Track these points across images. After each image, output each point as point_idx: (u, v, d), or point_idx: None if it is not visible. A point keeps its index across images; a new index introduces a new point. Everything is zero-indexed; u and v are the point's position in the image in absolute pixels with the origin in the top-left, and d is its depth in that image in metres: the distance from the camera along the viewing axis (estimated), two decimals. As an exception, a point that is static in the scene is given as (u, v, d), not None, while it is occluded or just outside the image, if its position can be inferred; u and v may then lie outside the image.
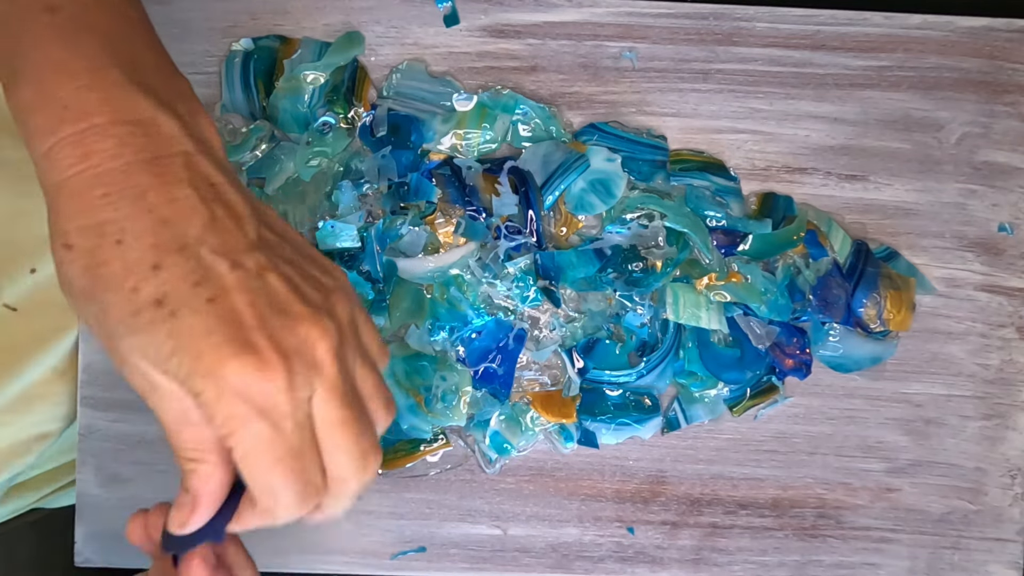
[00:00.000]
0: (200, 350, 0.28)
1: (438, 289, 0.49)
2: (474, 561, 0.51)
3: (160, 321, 0.28)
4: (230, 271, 0.29)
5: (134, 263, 0.28)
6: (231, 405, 0.28)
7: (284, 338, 0.29)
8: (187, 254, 0.29)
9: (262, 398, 0.28)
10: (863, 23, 0.51)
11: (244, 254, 0.29)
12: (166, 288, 0.28)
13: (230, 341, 0.28)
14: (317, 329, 0.29)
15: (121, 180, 0.29)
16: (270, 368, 0.28)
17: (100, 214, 0.29)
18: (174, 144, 0.30)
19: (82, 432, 0.50)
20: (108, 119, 0.29)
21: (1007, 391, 0.51)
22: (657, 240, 0.49)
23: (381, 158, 0.49)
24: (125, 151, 0.29)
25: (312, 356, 0.29)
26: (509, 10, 0.51)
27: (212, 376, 0.28)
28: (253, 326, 0.28)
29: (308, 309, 0.30)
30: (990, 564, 0.51)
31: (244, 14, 0.50)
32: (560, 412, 0.50)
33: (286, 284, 0.30)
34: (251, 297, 0.29)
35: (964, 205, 0.51)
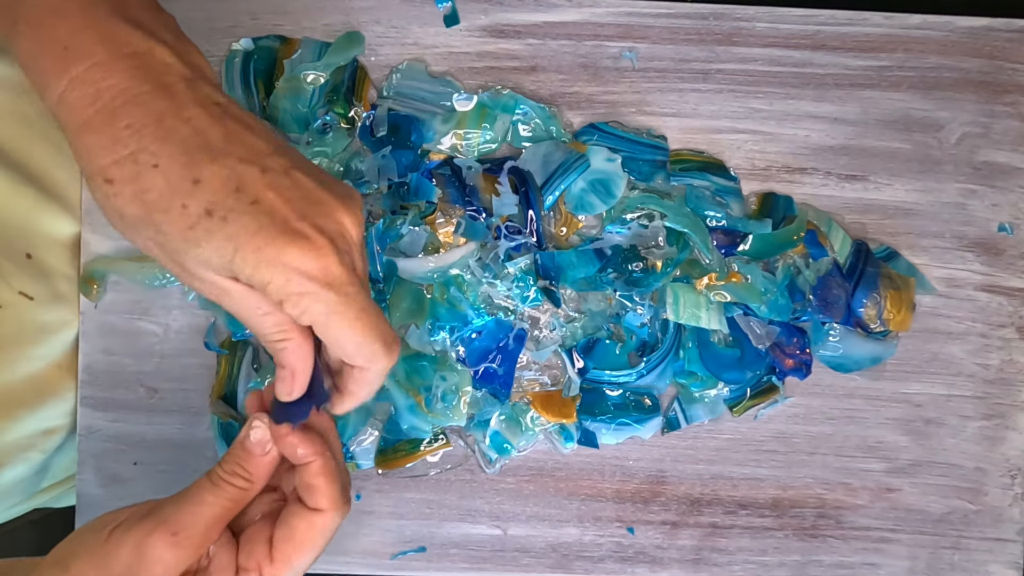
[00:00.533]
0: (258, 245, 0.31)
1: (438, 289, 0.49)
2: (474, 561, 0.51)
3: (216, 229, 0.31)
4: (261, 175, 0.32)
5: (176, 182, 0.31)
6: (300, 284, 0.31)
7: (325, 224, 0.32)
8: (220, 164, 0.31)
9: (323, 273, 0.32)
10: (863, 23, 0.51)
11: (268, 158, 0.32)
12: (212, 198, 0.31)
13: (283, 233, 0.31)
14: (348, 215, 0.33)
15: (137, 110, 0.31)
16: (322, 248, 0.32)
17: (130, 144, 0.31)
18: (172, 71, 0.32)
19: (82, 432, 0.50)
20: (107, 55, 0.31)
21: (1007, 391, 0.51)
22: (657, 240, 0.49)
23: (381, 158, 0.49)
24: (132, 83, 0.31)
25: (350, 235, 0.33)
26: (509, 10, 0.51)
27: (276, 264, 0.31)
28: (296, 217, 0.32)
29: (336, 197, 0.33)
30: (990, 564, 0.51)
31: (244, 14, 0.50)
32: (560, 412, 0.50)
33: (311, 179, 0.33)
34: (287, 194, 0.32)
35: (964, 205, 0.51)
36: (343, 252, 0.32)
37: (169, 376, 0.50)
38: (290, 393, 0.35)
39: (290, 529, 0.35)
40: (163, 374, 0.50)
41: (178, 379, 0.50)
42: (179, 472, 0.50)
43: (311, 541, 0.35)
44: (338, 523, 0.36)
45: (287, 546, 0.35)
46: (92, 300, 0.50)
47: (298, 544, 0.35)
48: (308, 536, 0.35)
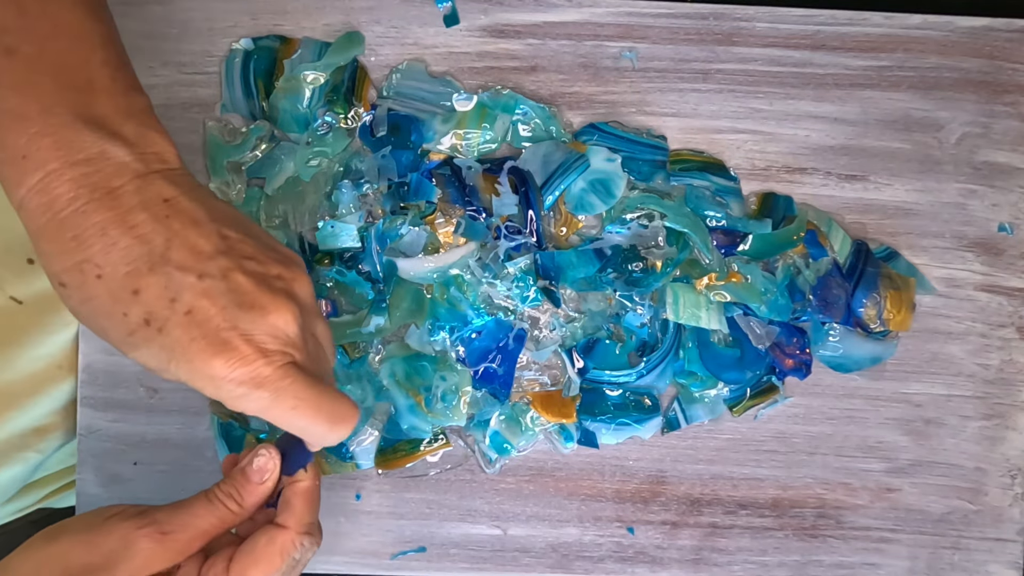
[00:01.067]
0: (190, 356, 0.32)
1: (438, 289, 0.49)
2: (474, 561, 0.51)
3: (152, 337, 0.32)
4: (198, 281, 0.32)
5: (117, 292, 0.32)
6: (229, 390, 0.33)
7: (254, 329, 0.33)
8: (158, 273, 0.32)
9: (250, 378, 0.33)
10: (863, 23, 0.51)
11: (208, 262, 0.33)
12: (149, 309, 0.32)
13: (211, 344, 0.32)
14: (283, 315, 0.34)
15: (83, 221, 0.32)
16: (247, 357, 0.32)
17: (76, 255, 0.32)
18: (124, 172, 0.33)
19: (82, 432, 0.50)
20: (61, 163, 0.32)
21: (1007, 391, 0.51)
22: (657, 240, 0.49)
23: (381, 158, 0.49)
24: (81, 192, 0.32)
25: (283, 334, 0.34)
26: (509, 10, 0.51)
27: (205, 375, 0.32)
28: (227, 326, 0.32)
29: (273, 298, 0.34)
30: (990, 564, 0.51)
31: (244, 14, 0.50)
32: (560, 412, 0.50)
33: (250, 280, 0.34)
34: (221, 301, 0.33)
35: (964, 205, 0.51)
36: (273, 352, 0.33)
37: (169, 376, 0.50)
38: None
39: (252, 543, 0.37)
40: (163, 374, 0.50)
41: (178, 379, 0.50)
42: (179, 472, 0.50)
43: (268, 557, 0.36)
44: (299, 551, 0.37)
45: (245, 559, 0.36)
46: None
47: (256, 558, 0.36)
48: (267, 552, 0.36)
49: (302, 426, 0.35)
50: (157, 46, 0.50)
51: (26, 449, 0.49)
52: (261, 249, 0.35)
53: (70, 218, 0.32)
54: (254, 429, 0.49)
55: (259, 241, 0.35)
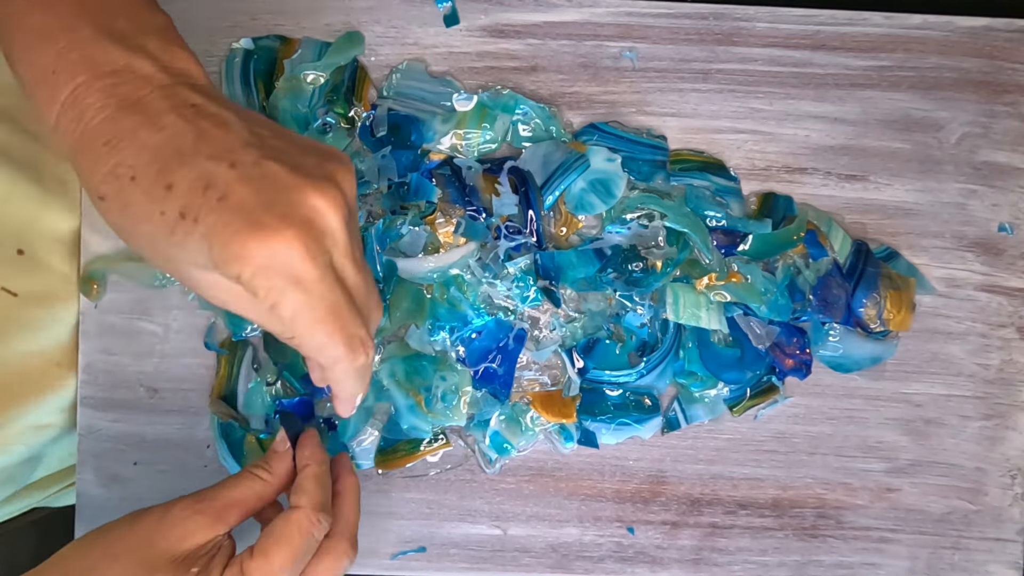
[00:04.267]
0: (225, 241, 0.31)
1: (438, 289, 0.49)
2: (474, 561, 0.51)
3: (191, 230, 0.31)
4: (230, 169, 0.31)
5: (152, 190, 0.31)
6: (265, 279, 0.31)
7: (292, 211, 0.31)
8: (189, 166, 0.31)
9: (287, 268, 0.31)
10: (863, 23, 0.51)
11: (239, 151, 0.32)
12: (183, 201, 0.31)
13: (247, 226, 0.31)
14: (323, 198, 0.32)
15: (113, 127, 0.32)
16: (284, 240, 0.31)
17: (109, 160, 0.32)
18: (151, 82, 0.33)
19: (82, 432, 0.50)
20: (89, 75, 0.32)
21: (1007, 391, 0.51)
22: (657, 240, 0.49)
23: (381, 158, 0.49)
24: (110, 101, 0.32)
25: (323, 223, 0.32)
26: (509, 10, 0.51)
27: (240, 258, 0.31)
28: (261, 207, 0.31)
29: (310, 181, 0.32)
30: (990, 564, 0.51)
31: (244, 14, 0.50)
32: (560, 412, 0.50)
33: (284, 166, 0.32)
34: (255, 185, 0.31)
35: (964, 205, 0.51)
36: (312, 241, 0.31)
37: (169, 376, 0.50)
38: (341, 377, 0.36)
39: (271, 526, 0.38)
40: (163, 374, 0.50)
41: (178, 379, 0.50)
42: (179, 472, 0.50)
43: (287, 535, 0.37)
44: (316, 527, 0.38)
45: (266, 540, 0.37)
46: (92, 300, 0.50)
47: (276, 538, 0.37)
48: (285, 531, 0.37)
49: (321, 343, 0.33)
50: (157, 46, 0.50)
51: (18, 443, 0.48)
52: (295, 144, 0.34)
53: (101, 125, 0.32)
54: (254, 429, 0.49)
55: (293, 139, 0.34)
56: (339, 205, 0.32)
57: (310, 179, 0.32)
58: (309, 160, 0.33)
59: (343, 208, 0.33)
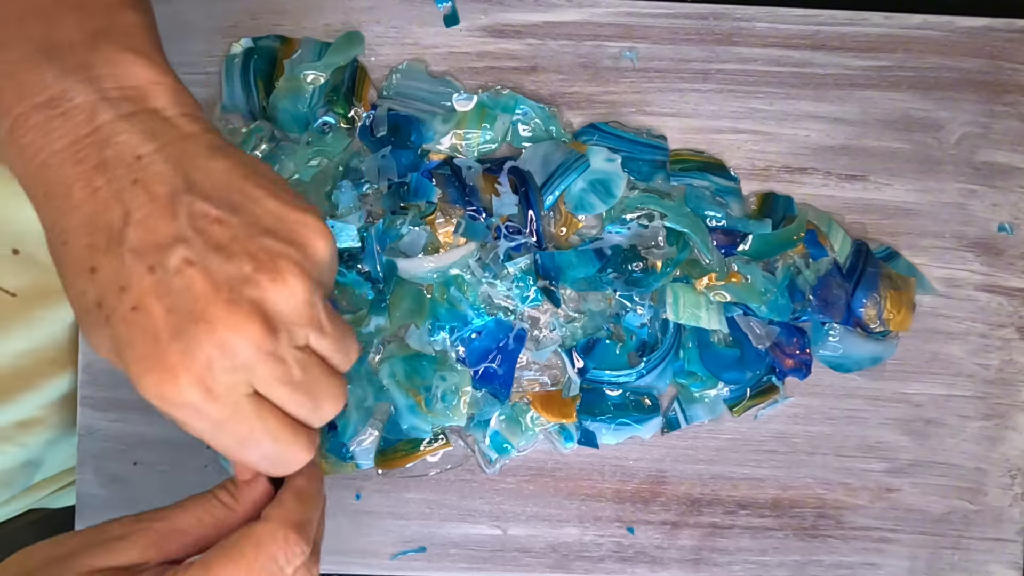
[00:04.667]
0: (127, 361, 0.28)
1: (438, 289, 0.49)
2: (474, 561, 0.51)
3: (102, 323, 0.28)
4: (148, 274, 0.27)
5: (78, 265, 0.28)
6: (165, 408, 0.28)
7: (200, 348, 0.27)
8: (112, 255, 0.28)
9: (187, 404, 0.28)
10: (863, 23, 0.51)
11: (165, 251, 0.28)
12: (101, 292, 0.28)
13: (145, 357, 0.27)
14: (240, 334, 0.28)
15: (49, 176, 0.28)
16: (180, 383, 0.27)
17: (45, 217, 0.29)
18: (91, 118, 0.28)
19: (82, 432, 0.50)
20: (25, 106, 0.28)
21: (1007, 391, 0.51)
22: (657, 240, 0.49)
23: (381, 158, 0.49)
24: (47, 141, 0.28)
25: (233, 358, 0.28)
26: (509, 10, 0.51)
27: (142, 389, 0.28)
28: (167, 339, 0.27)
29: (228, 312, 0.27)
30: (990, 564, 0.51)
31: (244, 14, 0.50)
32: (560, 412, 0.50)
33: (207, 281, 0.28)
34: (168, 303, 0.27)
35: (964, 205, 0.51)
36: (215, 381, 0.28)
37: (169, 376, 0.50)
38: None
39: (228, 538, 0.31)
40: (163, 374, 0.50)
41: (178, 379, 0.50)
42: (179, 472, 0.50)
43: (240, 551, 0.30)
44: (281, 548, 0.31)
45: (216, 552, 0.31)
46: (92, 300, 0.50)
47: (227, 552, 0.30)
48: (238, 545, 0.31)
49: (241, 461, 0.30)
50: (157, 46, 0.50)
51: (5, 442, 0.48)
52: (245, 232, 0.29)
53: (39, 172, 0.28)
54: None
55: (248, 219, 0.29)
56: (254, 334, 0.28)
57: (232, 307, 0.27)
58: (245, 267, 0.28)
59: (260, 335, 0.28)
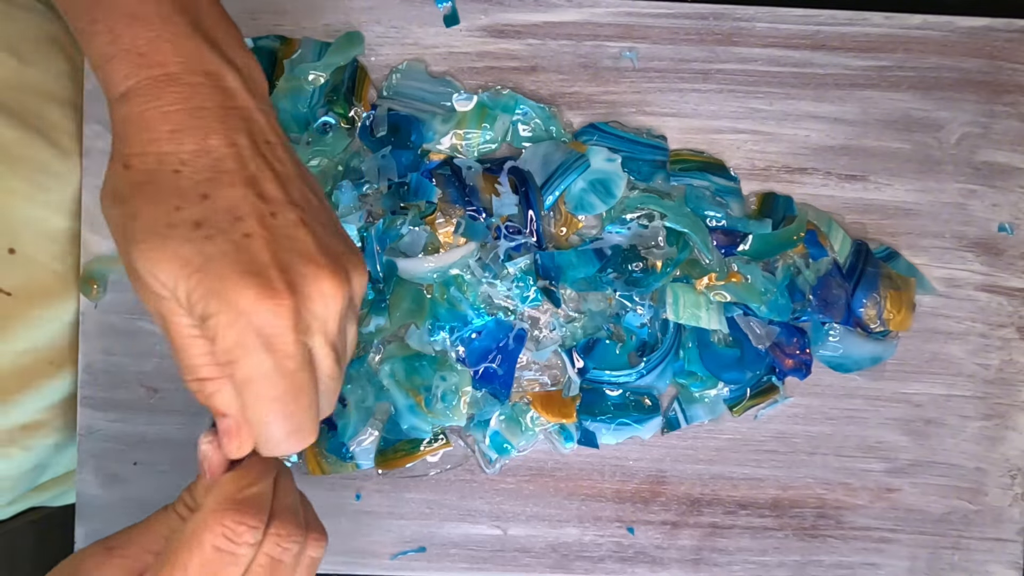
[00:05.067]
0: (223, 274, 0.30)
1: (438, 289, 0.49)
2: (474, 561, 0.51)
3: (193, 240, 0.30)
4: (269, 217, 0.31)
5: (187, 189, 0.31)
6: (241, 332, 0.30)
7: (301, 284, 0.31)
8: (235, 191, 0.31)
9: (270, 331, 0.30)
10: (863, 23, 0.51)
11: (285, 207, 0.32)
12: (209, 214, 0.31)
13: (253, 273, 0.30)
14: (333, 283, 0.32)
15: (189, 121, 0.32)
16: (282, 306, 0.30)
17: (164, 146, 0.32)
18: (237, 98, 0.33)
19: (82, 432, 0.50)
20: (181, 68, 0.32)
21: (1007, 391, 0.51)
22: (657, 240, 0.49)
23: (381, 158, 0.49)
24: (195, 97, 0.32)
25: (323, 308, 0.32)
26: (509, 10, 0.51)
27: (226, 301, 0.30)
28: (276, 266, 0.30)
29: (331, 264, 0.32)
30: (990, 564, 0.51)
31: (244, 14, 0.50)
32: (560, 412, 0.50)
33: (316, 241, 0.32)
34: (283, 243, 0.31)
35: (964, 205, 0.51)
36: (304, 319, 0.31)
37: (169, 376, 0.50)
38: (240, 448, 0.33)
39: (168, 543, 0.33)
40: (163, 374, 0.50)
41: (178, 379, 0.50)
42: (179, 472, 0.50)
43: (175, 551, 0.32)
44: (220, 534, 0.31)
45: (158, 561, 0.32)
46: (92, 300, 0.50)
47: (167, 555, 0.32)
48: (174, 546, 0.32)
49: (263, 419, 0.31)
50: (157, 46, 0.50)
51: (11, 445, 0.48)
52: (330, 221, 0.34)
53: (175, 115, 0.32)
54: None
55: (330, 215, 0.35)
56: (343, 296, 0.32)
57: (329, 261, 0.32)
58: (335, 243, 0.33)
59: (344, 301, 0.32)
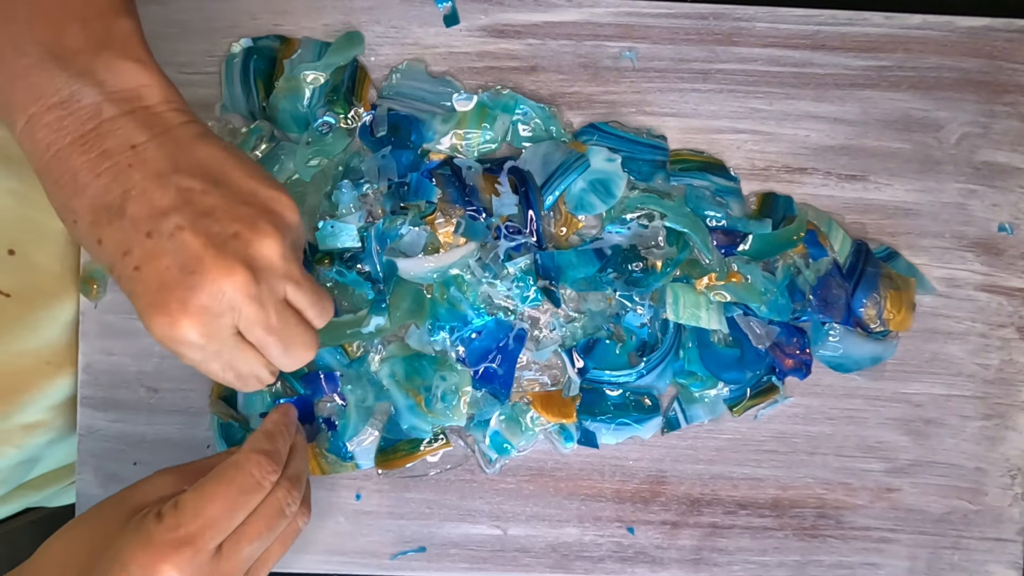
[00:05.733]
0: (139, 309, 0.33)
1: (438, 289, 0.49)
2: (474, 561, 0.51)
3: (118, 282, 0.34)
4: (147, 239, 0.33)
5: (87, 239, 0.33)
6: (168, 344, 0.34)
7: (195, 295, 0.33)
8: (115, 227, 0.33)
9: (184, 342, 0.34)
10: (863, 23, 0.51)
11: (160, 219, 0.33)
12: (109, 259, 0.33)
13: (151, 305, 0.33)
14: (227, 281, 0.33)
15: (60, 166, 0.33)
16: (181, 325, 0.33)
17: (56, 200, 0.34)
18: (97, 115, 0.33)
19: (82, 432, 0.50)
20: (38, 107, 0.33)
21: (1007, 391, 0.51)
22: (657, 240, 0.49)
23: (381, 158, 0.49)
24: (57, 137, 0.33)
25: (223, 303, 0.33)
26: (509, 10, 0.51)
27: (150, 330, 0.33)
28: (167, 288, 0.33)
29: (218, 262, 0.33)
30: (990, 564, 0.51)
31: (244, 14, 0.50)
32: (560, 412, 0.50)
33: (199, 239, 0.33)
34: (166, 262, 0.33)
35: (964, 205, 0.51)
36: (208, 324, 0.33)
37: (169, 376, 0.50)
38: None
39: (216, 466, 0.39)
40: (163, 374, 0.50)
41: (178, 379, 0.50)
42: (179, 472, 0.50)
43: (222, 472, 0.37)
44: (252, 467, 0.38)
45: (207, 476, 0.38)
46: (92, 300, 0.50)
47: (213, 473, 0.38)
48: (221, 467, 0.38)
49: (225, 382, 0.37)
50: (157, 46, 0.50)
51: (8, 444, 0.48)
52: (226, 203, 0.34)
53: (51, 163, 0.33)
54: (254, 430, 0.49)
55: (228, 192, 0.34)
56: (242, 282, 0.33)
57: (221, 258, 0.33)
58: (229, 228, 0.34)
59: (247, 284, 0.34)
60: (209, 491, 0.37)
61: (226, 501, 0.36)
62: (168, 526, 0.35)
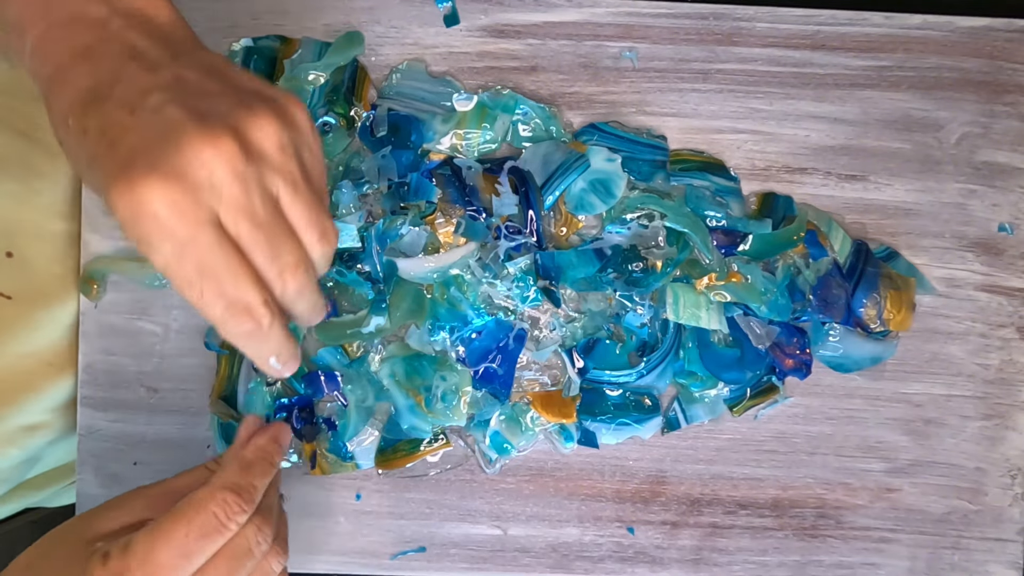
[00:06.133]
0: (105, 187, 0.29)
1: (438, 289, 0.49)
2: (474, 561, 0.51)
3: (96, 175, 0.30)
4: (128, 115, 0.30)
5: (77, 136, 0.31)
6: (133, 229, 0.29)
7: (165, 161, 0.29)
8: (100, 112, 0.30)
9: (156, 221, 0.29)
10: (863, 23, 0.51)
11: (145, 96, 0.30)
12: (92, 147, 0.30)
13: (114, 172, 0.29)
14: (208, 148, 0.29)
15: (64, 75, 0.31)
16: (148, 192, 0.28)
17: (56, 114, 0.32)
18: (104, 27, 0.32)
19: (82, 432, 0.50)
20: (47, 24, 0.32)
21: (1007, 391, 0.51)
22: (657, 240, 0.49)
23: (381, 158, 0.49)
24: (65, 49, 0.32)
25: (202, 175, 0.29)
26: (509, 10, 0.51)
27: (113, 207, 0.29)
28: (139, 156, 0.29)
29: (205, 129, 0.29)
30: (990, 564, 0.51)
31: (244, 14, 0.50)
32: (560, 412, 0.50)
33: (187, 112, 0.30)
34: (145, 133, 0.29)
35: (964, 205, 0.51)
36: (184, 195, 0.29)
37: (169, 376, 0.50)
38: None
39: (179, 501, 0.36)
40: (163, 374, 0.50)
41: (178, 379, 0.50)
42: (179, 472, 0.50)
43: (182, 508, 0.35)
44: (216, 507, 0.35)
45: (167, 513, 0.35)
46: (92, 300, 0.50)
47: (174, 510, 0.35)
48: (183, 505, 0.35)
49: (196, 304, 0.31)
50: (157, 46, 0.50)
51: (10, 445, 0.48)
52: (223, 87, 0.31)
53: (56, 74, 0.32)
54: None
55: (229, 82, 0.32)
56: (227, 156, 0.29)
57: (206, 127, 0.29)
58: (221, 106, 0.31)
59: (234, 159, 0.29)
60: (164, 533, 0.34)
61: (181, 546, 0.33)
62: (112, 571, 0.33)
